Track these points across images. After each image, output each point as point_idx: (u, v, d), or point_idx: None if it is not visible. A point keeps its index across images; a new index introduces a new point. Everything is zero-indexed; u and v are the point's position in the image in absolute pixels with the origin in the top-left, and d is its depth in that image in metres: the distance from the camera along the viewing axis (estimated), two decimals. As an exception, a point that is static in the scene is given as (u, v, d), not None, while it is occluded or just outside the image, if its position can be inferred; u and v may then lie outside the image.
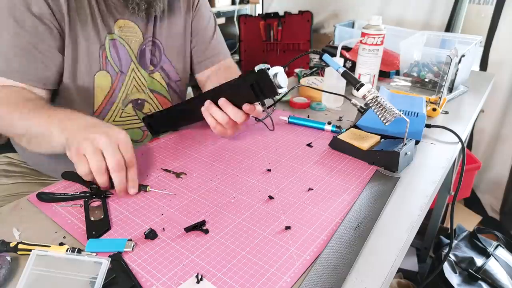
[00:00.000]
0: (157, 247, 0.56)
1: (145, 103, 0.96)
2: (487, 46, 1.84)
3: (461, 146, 0.88)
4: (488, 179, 2.01)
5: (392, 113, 0.76)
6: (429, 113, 1.01)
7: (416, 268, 1.65)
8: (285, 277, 0.51)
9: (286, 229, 0.60)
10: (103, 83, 0.87)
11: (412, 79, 1.23)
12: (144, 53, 0.92)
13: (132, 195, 0.67)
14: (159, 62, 0.96)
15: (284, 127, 0.95)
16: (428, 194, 0.70)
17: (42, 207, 0.64)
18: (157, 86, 0.98)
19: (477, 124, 1.96)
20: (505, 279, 1.35)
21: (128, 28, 0.89)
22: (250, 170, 0.76)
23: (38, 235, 0.58)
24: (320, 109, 1.06)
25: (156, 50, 0.95)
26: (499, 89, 1.82)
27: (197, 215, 0.63)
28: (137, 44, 0.91)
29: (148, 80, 0.95)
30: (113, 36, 0.87)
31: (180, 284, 0.50)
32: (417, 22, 2.01)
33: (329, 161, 0.80)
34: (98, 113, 0.90)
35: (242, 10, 2.77)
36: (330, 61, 0.88)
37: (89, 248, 0.55)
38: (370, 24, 1.08)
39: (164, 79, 0.98)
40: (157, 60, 0.95)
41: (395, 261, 0.55)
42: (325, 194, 0.69)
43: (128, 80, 0.91)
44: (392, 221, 0.63)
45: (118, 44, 0.88)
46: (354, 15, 2.15)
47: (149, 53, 0.93)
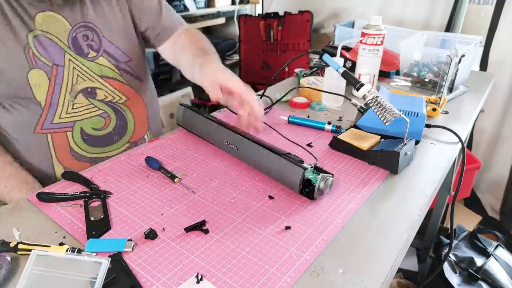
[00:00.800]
0: (157, 247, 0.56)
1: (97, 90, 0.93)
2: (487, 46, 1.84)
3: (461, 146, 0.88)
4: (488, 179, 2.01)
5: (392, 113, 0.76)
6: (429, 113, 1.01)
7: (416, 268, 1.65)
8: (285, 277, 0.51)
9: (286, 229, 0.60)
10: (39, 81, 0.84)
11: (412, 79, 1.23)
12: (76, 40, 0.88)
13: (132, 196, 0.67)
14: (101, 46, 0.92)
15: (284, 127, 0.95)
16: (428, 194, 0.70)
17: (42, 207, 0.64)
18: (106, 71, 0.93)
19: (477, 124, 1.96)
20: (505, 279, 1.35)
21: (50, 20, 0.84)
22: (250, 170, 0.76)
23: (38, 235, 0.58)
24: (320, 109, 1.06)
25: (93, 35, 0.90)
26: (499, 89, 1.82)
27: (197, 215, 0.63)
28: (65, 34, 0.86)
29: (93, 67, 0.91)
30: (35, 32, 0.83)
31: (180, 284, 0.50)
32: (417, 22, 2.01)
33: (329, 161, 0.80)
34: (47, 109, 0.87)
35: (242, 10, 2.77)
36: (330, 61, 0.88)
37: (89, 248, 0.55)
38: (370, 24, 1.08)
39: (112, 62, 0.94)
40: (97, 45, 0.91)
41: (395, 261, 0.55)
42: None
43: (67, 71, 0.88)
44: (392, 221, 0.63)
45: (44, 39, 0.84)
46: (354, 15, 2.15)
47: (83, 39, 0.89)
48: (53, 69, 0.86)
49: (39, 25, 0.83)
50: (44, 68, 0.84)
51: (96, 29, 0.91)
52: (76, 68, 0.89)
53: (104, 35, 0.92)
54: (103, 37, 0.92)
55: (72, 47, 0.88)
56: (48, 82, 0.86)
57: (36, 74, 0.84)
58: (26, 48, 0.82)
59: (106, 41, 0.92)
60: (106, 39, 0.92)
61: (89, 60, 0.91)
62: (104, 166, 0.77)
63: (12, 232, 0.59)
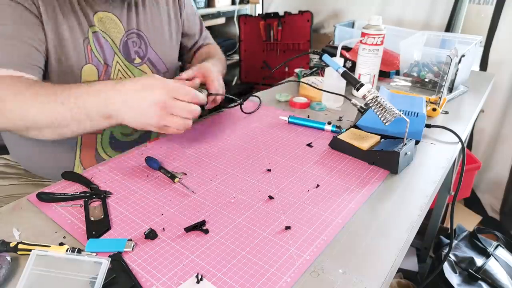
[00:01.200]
0: (157, 247, 0.56)
1: None
2: (487, 46, 1.84)
3: (461, 146, 0.88)
4: (488, 179, 2.01)
5: (392, 113, 0.76)
6: (429, 113, 1.01)
7: (416, 268, 1.65)
8: (285, 277, 0.51)
9: (286, 229, 0.60)
10: (90, 76, 0.87)
11: (412, 79, 1.23)
12: (127, 45, 0.92)
13: (132, 196, 0.67)
14: (146, 54, 0.96)
15: (284, 127, 0.95)
16: (428, 194, 0.70)
17: (42, 207, 0.64)
18: None
19: (477, 124, 1.96)
20: (505, 279, 1.35)
21: (108, 20, 0.88)
22: (250, 170, 0.76)
23: (38, 235, 0.58)
24: (320, 109, 1.06)
25: (141, 42, 0.95)
26: (499, 89, 1.82)
27: (197, 215, 0.63)
28: (118, 36, 0.90)
29: (136, 73, 0.95)
30: (95, 28, 0.86)
31: (180, 284, 0.50)
32: (417, 22, 2.01)
33: (329, 161, 0.80)
34: None
35: (242, 10, 2.77)
36: (330, 61, 0.88)
37: (89, 248, 0.55)
38: (370, 24, 1.08)
39: (152, 71, 0.98)
40: (143, 52, 0.96)
41: (395, 261, 0.55)
42: (325, 194, 0.69)
43: (114, 72, 0.91)
44: (392, 221, 0.63)
45: (100, 37, 0.87)
46: (354, 15, 2.15)
47: (133, 45, 0.93)
48: (104, 67, 0.88)
49: (98, 23, 0.86)
50: (97, 65, 0.87)
51: (145, 37, 0.95)
52: (121, 71, 0.92)
53: (151, 45, 0.97)
54: (149, 47, 0.97)
55: (122, 50, 0.91)
56: (96, 79, 0.88)
57: (89, 70, 0.86)
58: (85, 41, 0.84)
59: (151, 50, 0.97)
60: (151, 48, 0.97)
61: (134, 65, 0.94)
62: (104, 166, 0.77)
63: (12, 232, 0.59)
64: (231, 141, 0.88)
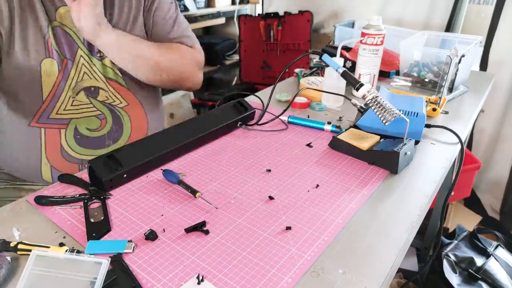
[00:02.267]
0: (158, 248, 0.56)
1: (100, 90, 0.93)
2: (487, 46, 1.84)
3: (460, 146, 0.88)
4: (488, 179, 2.01)
5: (392, 113, 0.76)
6: (429, 113, 1.01)
7: (416, 268, 1.65)
8: (286, 277, 0.51)
9: (287, 230, 0.60)
10: (50, 69, 0.86)
11: (412, 79, 1.23)
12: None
13: (132, 197, 0.67)
14: None
15: (284, 127, 0.95)
16: (428, 194, 0.70)
17: (42, 208, 0.64)
18: (111, 73, 0.95)
19: (477, 124, 1.96)
20: (505, 279, 1.35)
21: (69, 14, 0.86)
22: (250, 170, 0.76)
23: (38, 235, 0.58)
24: (320, 109, 1.06)
25: None
26: (499, 89, 1.82)
27: (197, 216, 0.63)
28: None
29: (100, 67, 0.93)
30: (55, 23, 0.86)
31: (181, 285, 0.50)
32: (417, 22, 2.01)
33: (329, 161, 0.80)
34: (48, 101, 0.88)
35: (242, 10, 2.78)
36: (330, 61, 0.88)
37: (89, 250, 0.55)
38: (370, 24, 1.08)
39: (117, 66, 0.94)
40: None
41: (395, 261, 0.55)
42: (325, 194, 0.69)
43: (76, 67, 0.89)
44: (392, 221, 0.63)
45: (61, 32, 0.87)
46: (354, 15, 2.15)
47: None
48: (64, 62, 0.87)
49: (60, 18, 0.86)
50: (56, 58, 0.86)
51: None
52: (85, 65, 0.90)
53: None
54: None
55: (86, 43, 0.90)
56: (57, 73, 0.87)
57: (49, 63, 0.86)
58: (46, 36, 0.84)
59: None
60: None
61: (98, 59, 0.92)
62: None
63: (12, 232, 0.59)
64: (231, 141, 0.88)
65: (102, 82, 0.93)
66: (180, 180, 0.70)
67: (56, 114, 0.89)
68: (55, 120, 0.89)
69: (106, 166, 0.68)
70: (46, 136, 0.90)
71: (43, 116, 0.88)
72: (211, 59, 2.61)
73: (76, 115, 0.91)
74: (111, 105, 0.95)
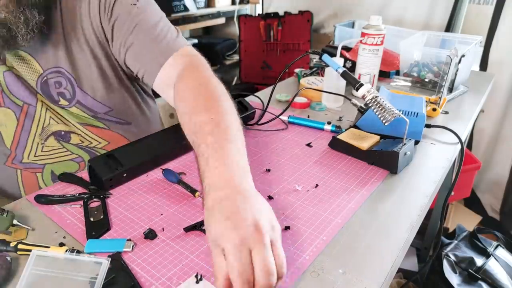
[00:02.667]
0: (157, 247, 0.56)
1: (71, 134, 0.84)
2: (487, 46, 1.84)
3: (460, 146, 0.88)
4: (488, 179, 2.01)
5: (392, 113, 0.76)
6: (429, 113, 1.01)
7: (416, 268, 1.65)
8: (284, 277, 0.51)
9: (286, 229, 0.60)
10: (5, 120, 0.78)
11: (412, 79, 1.23)
12: (47, 86, 0.77)
13: (132, 196, 0.67)
14: (74, 96, 0.80)
15: (284, 127, 0.95)
16: (428, 194, 0.70)
17: (42, 207, 0.64)
18: (83, 119, 0.83)
19: (477, 124, 1.96)
20: (505, 279, 1.35)
21: (20, 58, 0.75)
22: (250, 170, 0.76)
23: (38, 235, 0.58)
24: (320, 109, 1.06)
25: (67, 83, 0.78)
26: (499, 89, 1.82)
27: (196, 215, 0.63)
28: (34, 76, 0.77)
29: (66, 114, 0.82)
30: (5, 68, 0.75)
31: (180, 284, 0.50)
32: (417, 22, 2.01)
33: (328, 161, 0.80)
34: (14, 149, 0.81)
35: (242, 10, 2.78)
36: (330, 61, 0.88)
37: (88, 248, 0.55)
38: (370, 24, 1.08)
39: (87, 113, 0.82)
40: (70, 94, 0.79)
41: (395, 261, 0.55)
42: (325, 194, 0.69)
43: (39, 113, 0.80)
44: (392, 221, 0.63)
45: (13, 77, 0.76)
46: (354, 15, 2.15)
47: (55, 86, 0.78)
48: (23, 107, 0.78)
49: (9, 62, 0.75)
50: (12, 107, 0.78)
51: (71, 77, 0.79)
52: (49, 110, 0.80)
53: (80, 85, 0.80)
54: (77, 87, 0.79)
55: (41, 92, 0.78)
56: (16, 122, 0.79)
57: (3, 113, 0.78)
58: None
59: (80, 92, 0.80)
60: (80, 90, 0.80)
61: (62, 107, 0.81)
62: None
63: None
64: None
65: (73, 126, 0.83)
66: (180, 180, 0.70)
67: (27, 159, 0.83)
68: (29, 164, 0.83)
69: (106, 165, 0.68)
70: (23, 177, 0.84)
71: (16, 160, 0.83)
72: (211, 59, 2.57)
73: (49, 160, 0.84)
74: (88, 148, 0.86)
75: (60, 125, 0.82)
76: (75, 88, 0.79)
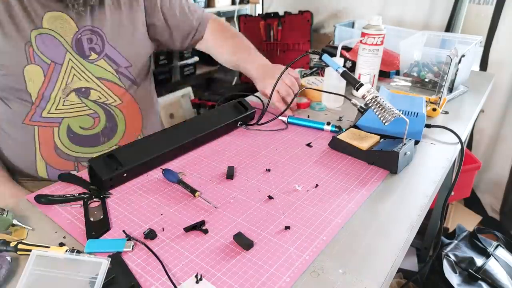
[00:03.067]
0: (157, 247, 0.56)
1: (91, 90, 0.94)
2: (487, 46, 1.84)
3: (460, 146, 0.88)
4: (488, 179, 2.01)
5: (392, 113, 0.76)
6: (429, 113, 1.01)
7: (416, 268, 1.65)
8: (284, 277, 0.51)
9: (286, 229, 0.60)
10: (34, 76, 0.87)
11: (412, 79, 1.23)
12: (80, 42, 0.91)
13: (132, 196, 0.68)
14: (103, 50, 0.94)
15: (284, 127, 0.95)
16: (428, 194, 0.70)
17: (42, 207, 0.64)
18: (104, 73, 0.95)
19: (477, 124, 1.96)
20: (505, 279, 1.35)
21: (58, 19, 0.87)
22: (250, 170, 0.76)
23: (38, 235, 0.58)
24: (320, 109, 1.06)
25: (97, 38, 0.93)
26: (499, 89, 1.82)
27: (196, 215, 0.63)
28: (70, 34, 0.89)
29: (92, 68, 0.93)
30: (41, 30, 0.85)
31: (180, 284, 0.50)
32: (417, 22, 2.01)
33: (328, 161, 0.80)
34: (37, 103, 0.89)
35: (242, 10, 2.77)
36: (330, 61, 0.88)
37: (88, 248, 0.55)
38: (370, 24, 1.08)
39: (112, 66, 0.96)
40: (99, 48, 0.94)
41: (395, 261, 0.55)
42: (325, 194, 0.69)
43: (65, 70, 0.90)
44: (392, 221, 0.63)
45: (48, 37, 0.86)
46: (354, 15, 2.15)
47: (88, 42, 0.92)
48: (50, 66, 0.88)
49: (46, 23, 0.86)
50: (41, 64, 0.86)
51: (102, 34, 0.93)
52: (74, 68, 0.91)
53: (109, 40, 0.94)
54: (107, 42, 0.94)
55: (75, 47, 0.90)
56: (43, 78, 0.87)
57: (32, 70, 0.86)
58: (27, 44, 0.84)
59: (109, 46, 0.94)
60: (109, 44, 0.94)
61: (89, 62, 0.92)
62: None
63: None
64: (231, 141, 0.88)
65: (93, 83, 0.94)
66: (180, 180, 0.70)
67: (47, 113, 0.90)
68: (47, 118, 0.90)
69: (106, 165, 0.69)
70: (40, 133, 0.91)
71: (36, 115, 0.90)
72: (211, 59, 2.60)
73: (68, 114, 0.92)
74: (104, 104, 0.96)
75: (81, 81, 0.92)
76: (104, 42, 0.94)
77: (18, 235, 0.58)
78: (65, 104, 0.91)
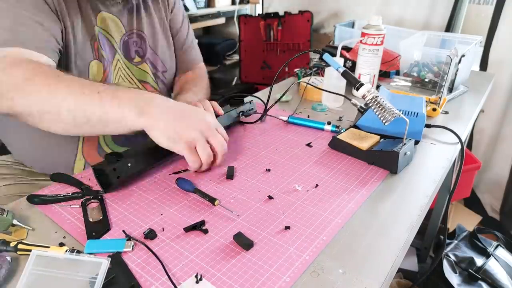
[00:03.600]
0: (157, 247, 0.56)
1: None
2: (487, 46, 1.84)
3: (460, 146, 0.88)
4: (488, 179, 2.01)
5: (392, 113, 0.76)
6: (429, 113, 1.01)
7: (416, 268, 1.65)
8: (284, 277, 0.51)
9: (286, 229, 0.60)
10: (96, 71, 0.89)
11: (412, 79, 1.23)
12: (127, 45, 0.95)
13: (132, 196, 0.68)
14: (146, 54, 0.99)
15: (284, 127, 0.95)
16: (428, 194, 0.70)
17: (42, 207, 0.64)
18: (145, 76, 1.00)
19: (477, 124, 1.96)
20: (505, 279, 1.35)
21: (109, 20, 0.90)
22: (250, 170, 0.76)
23: (38, 235, 0.58)
24: (322, 109, 1.06)
25: (141, 42, 0.98)
26: (499, 89, 1.82)
27: (196, 215, 0.63)
28: (119, 36, 0.93)
29: (135, 71, 0.97)
30: (97, 28, 0.88)
31: (180, 284, 0.50)
32: (417, 22, 2.01)
33: (328, 161, 0.80)
34: None
35: (242, 10, 2.78)
36: (330, 60, 0.88)
37: (88, 249, 0.55)
38: (370, 24, 1.08)
39: (152, 70, 1.00)
40: (143, 51, 0.98)
41: (395, 261, 0.55)
42: (325, 194, 0.69)
43: (114, 70, 0.93)
44: (392, 221, 0.63)
45: (102, 36, 0.90)
46: (354, 15, 2.15)
47: (134, 45, 0.96)
48: (107, 64, 0.91)
49: (100, 22, 0.89)
50: (102, 61, 0.89)
51: (145, 38, 0.98)
52: (121, 69, 0.95)
53: (150, 44, 0.99)
54: (148, 46, 0.99)
55: (122, 49, 0.94)
56: (102, 76, 0.90)
57: (96, 65, 0.89)
58: (93, 39, 0.87)
59: (150, 50, 0.99)
60: (150, 48, 0.99)
61: (134, 64, 0.97)
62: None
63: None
64: (231, 141, 0.88)
65: (134, 85, 0.98)
66: (196, 188, 0.68)
67: None
68: None
69: (111, 166, 0.68)
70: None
71: None
72: (211, 59, 2.61)
73: None
74: None
75: (125, 83, 0.97)
76: (146, 45, 0.99)
77: (18, 235, 0.58)
78: None
